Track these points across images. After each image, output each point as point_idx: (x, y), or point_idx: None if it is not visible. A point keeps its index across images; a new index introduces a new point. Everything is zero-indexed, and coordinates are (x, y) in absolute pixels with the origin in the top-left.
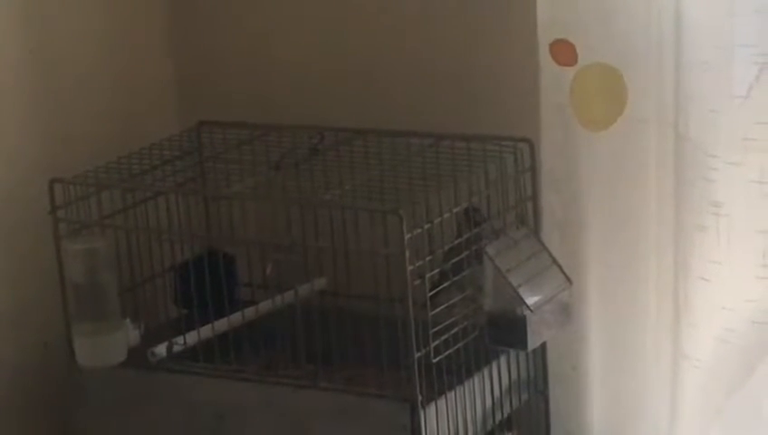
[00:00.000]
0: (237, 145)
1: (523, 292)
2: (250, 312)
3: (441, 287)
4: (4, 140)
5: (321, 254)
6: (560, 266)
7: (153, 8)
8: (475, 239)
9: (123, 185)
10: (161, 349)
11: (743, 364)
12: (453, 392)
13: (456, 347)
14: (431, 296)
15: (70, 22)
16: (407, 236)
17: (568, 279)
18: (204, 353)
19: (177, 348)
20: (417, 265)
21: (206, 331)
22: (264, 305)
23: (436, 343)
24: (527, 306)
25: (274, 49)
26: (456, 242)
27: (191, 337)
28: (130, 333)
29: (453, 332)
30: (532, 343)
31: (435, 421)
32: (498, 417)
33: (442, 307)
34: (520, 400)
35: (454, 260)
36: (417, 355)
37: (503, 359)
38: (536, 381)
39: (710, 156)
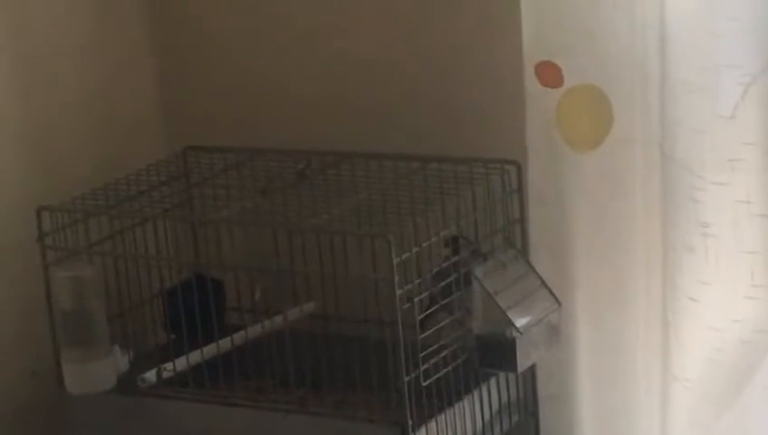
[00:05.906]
0: (224, 170)
1: (511, 314)
2: (239, 337)
3: (430, 311)
4: None
5: (309, 278)
6: (548, 288)
7: (137, 34)
8: (464, 262)
9: (110, 211)
10: (151, 375)
11: (731, 384)
12: (443, 416)
13: (445, 370)
14: (420, 320)
15: (53, 48)
16: (395, 260)
17: (557, 301)
18: (193, 379)
19: (166, 374)
20: (405, 288)
21: (195, 356)
22: (253, 330)
23: (426, 366)
24: (516, 329)
25: (260, 74)
26: (445, 265)
27: (180, 363)
28: (119, 360)
29: (442, 355)
30: (522, 365)
31: None
32: None
33: (431, 330)
34: (510, 422)
35: (442, 283)
36: (406, 379)
37: (492, 381)
38: (526, 403)
39: (697, 176)
